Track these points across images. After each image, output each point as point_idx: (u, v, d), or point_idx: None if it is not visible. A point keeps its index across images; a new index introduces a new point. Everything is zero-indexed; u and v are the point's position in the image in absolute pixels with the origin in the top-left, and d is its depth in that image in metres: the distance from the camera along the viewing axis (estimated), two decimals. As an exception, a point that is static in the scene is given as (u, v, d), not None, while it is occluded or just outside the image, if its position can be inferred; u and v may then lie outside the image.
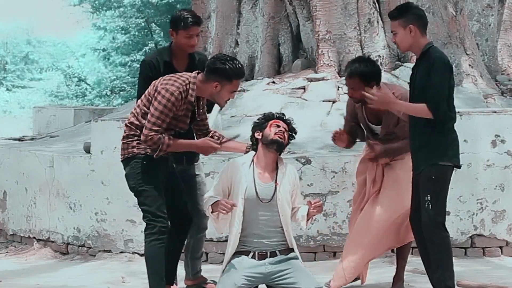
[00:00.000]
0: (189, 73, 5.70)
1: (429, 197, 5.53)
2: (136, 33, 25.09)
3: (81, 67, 28.80)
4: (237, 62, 5.65)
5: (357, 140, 6.38)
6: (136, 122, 5.67)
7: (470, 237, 7.71)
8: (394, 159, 6.15)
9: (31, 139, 10.63)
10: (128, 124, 5.71)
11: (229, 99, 5.74)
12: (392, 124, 6.05)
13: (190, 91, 5.60)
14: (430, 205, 5.53)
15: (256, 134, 5.81)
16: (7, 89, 32.95)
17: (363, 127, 6.29)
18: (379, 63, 9.56)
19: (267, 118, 5.85)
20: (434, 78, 5.47)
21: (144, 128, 5.56)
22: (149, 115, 5.55)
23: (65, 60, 31.18)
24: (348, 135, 6.26)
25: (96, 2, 25.83)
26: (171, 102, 5.52)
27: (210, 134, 5.90)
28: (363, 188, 6.27)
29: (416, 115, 5.57)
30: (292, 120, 5.90)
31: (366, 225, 6.11)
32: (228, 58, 5.65)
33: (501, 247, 7.75)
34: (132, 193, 5.82)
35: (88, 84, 27.44)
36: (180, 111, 5.62)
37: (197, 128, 5.90)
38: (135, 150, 5.67)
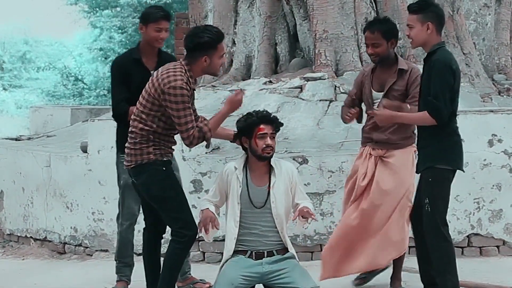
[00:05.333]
0: (178, 63, 5.57)
1: (427, 200, 5.53)
2: (133, 32, 25.00)
3: (78, 67, 28.68)
4: (211, 28, 5.59)
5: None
6: (147, 128, 5.52)
7: (467, 236, 7.72)
8: (386, 154, 6.15)
9: (28, 138, 10.61)
10: (137, 131, 5.55)
11: (221, 65, 5.68)
12: (392, 96, 6.05)
13: (190, 79, 5.53)
14: (429, 208, 5.52)
15: (243, 142, 5.73)
16: (4, 89, 32.86)
17: (364, 99, 6.30)
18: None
19: (251, 124, 5.70)
20: (433, 83, 5.41)
21: (180, 133, 5.46)
22: (175, 120, 5.43)
23: (62, 59, 31.05)
24: (358, 109, 6.28)
25: (93, 2, 25.76)
26: (184, 95, 5.42)
27: (199, 120, 5.83)
28: (354, 182, 6.28)
29: (422, 124, 5.55)
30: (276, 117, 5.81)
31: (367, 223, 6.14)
32: (201, 29, 5.55)
33: (498, 247, 7.76)
34: (155, 201, 5.60)
35: (85, 84, 27.34)
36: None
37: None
38: (151, 156, 5.53)
